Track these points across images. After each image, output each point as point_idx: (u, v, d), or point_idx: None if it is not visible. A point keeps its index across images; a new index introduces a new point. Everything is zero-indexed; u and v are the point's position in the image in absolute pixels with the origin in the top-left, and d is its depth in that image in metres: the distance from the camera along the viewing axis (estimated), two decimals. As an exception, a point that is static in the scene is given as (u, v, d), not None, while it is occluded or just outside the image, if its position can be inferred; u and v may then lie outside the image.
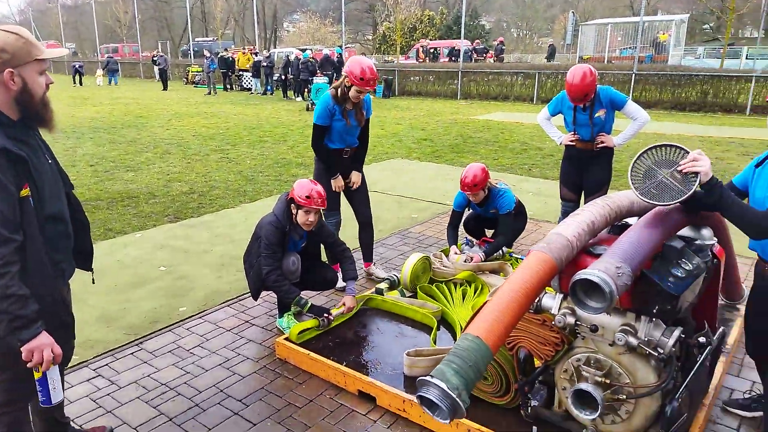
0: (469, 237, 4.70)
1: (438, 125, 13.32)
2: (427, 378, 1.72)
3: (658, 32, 22.69)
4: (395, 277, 4.03)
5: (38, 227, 1.91)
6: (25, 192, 1.86)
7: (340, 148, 4.04)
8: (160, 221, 5.93)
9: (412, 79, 22.27)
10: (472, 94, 20.34)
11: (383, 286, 3.95)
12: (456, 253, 4.33)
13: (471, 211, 4.66)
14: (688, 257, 2.17)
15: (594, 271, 1.92)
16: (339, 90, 3.87)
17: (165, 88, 24.01)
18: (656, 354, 2.07)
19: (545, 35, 54.64)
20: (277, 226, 3.32)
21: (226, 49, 28.41)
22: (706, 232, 2.54)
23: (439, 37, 36.43)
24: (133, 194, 6.98)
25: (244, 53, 25.28)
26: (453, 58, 24.87)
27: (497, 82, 20.06)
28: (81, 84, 27.44)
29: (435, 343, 3.28)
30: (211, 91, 22.07)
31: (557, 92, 20.80)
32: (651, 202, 2.16)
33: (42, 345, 1.86)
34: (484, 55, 25.14)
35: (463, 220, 4.68)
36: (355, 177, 4.15)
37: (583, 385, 2.23)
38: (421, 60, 27.48)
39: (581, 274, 1.95)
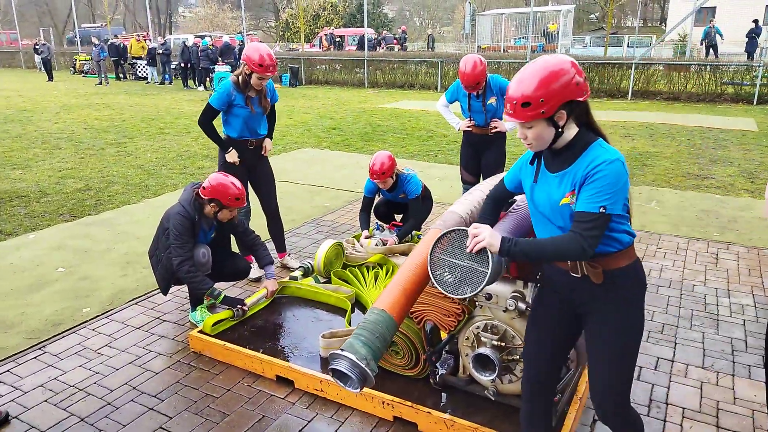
0: (380, 222, 4.86)
1: (347, 114, 13.42)
2: (338, 351, 1.84)
3: (548, 22, 24.05)
4: (309, 265, 4.11)
5: None
6: None
7: (245, 138, 4.04)
8: (55, 221, 5.60)
9: (318, 67, 22.14)
10: (379, 83, 20.58)
11: (297, 273, 4.02)
12: (367, 238, 4.48)
13: (381, 197, 4.82)
14: None
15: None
16: (240, 78, 3.87)
17: (50, 78, 22.25)
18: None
19: (447, 24, 56.21)
20: (185, 215, 3.29)
21: (116, 36, 26.75)
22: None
23: (343, 25, 36.40)
24: (23, 193, 6.52)
25: (137, 40, 23.91)
26: (360, 48, 25.05)
27: (402, 71, 20.42)
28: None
29: (350, 324, 3.40)
30: (103, 81, 20.76)
31: (459, 80, 21.41)
32: (465, 296, 1.95)
33: None
34: (393, 43, 25.42)
35: (374, 206, 4.83)
36: (268, 144, 4.20)
37: (482, 350, 2.45)
38: (325, 48, 27.35)
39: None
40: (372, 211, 4.81)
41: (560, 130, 1.74)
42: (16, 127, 11.14)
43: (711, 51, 20.10)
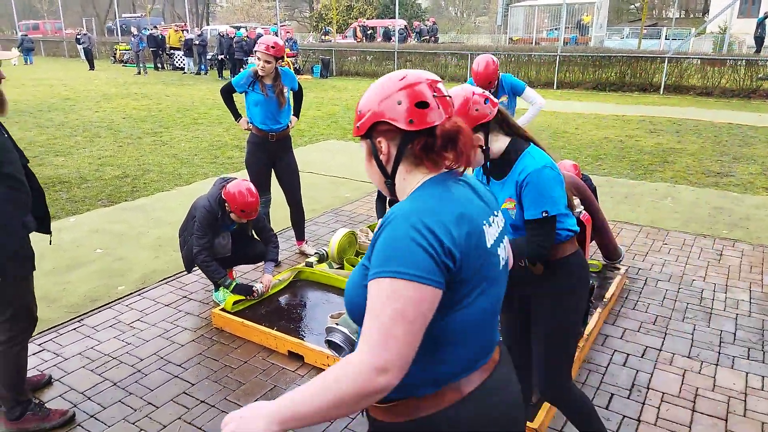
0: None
1: (373, 106, 13.64)
2: (333, 325, 2.10)
3: (582, 14, 23.74)
4: (324, 252, 4.39)
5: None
6: None
7: (266, 131, 4.34)
8: (94, 206, 6.03)
9: (349, 59, 22.41)
10: (408, 74, 20.73)
11: (313, 259, 4.31)
12: None
13: None
14: None
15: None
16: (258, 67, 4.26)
17: (92, 67, 23.10)
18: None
19: (482, 14, 55.62)
20: (209, 210, 3.60)
21: (155, 26, 27.49)
22: (574, 200, 3.03)
23: (377, 16, 36.50)
24: (65, 179, 6.99)
25: (175, 30, 24.58)
26: (383, 39, 25.18)
27: (432, 63, 20.52)
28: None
29: (357, 307, 3.67)
30: (141, 71, 21.46)
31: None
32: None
33: None
34: (428, 36, 25.42)
35: (388, 199, 5.08)
36: (293, 122, 4.56)
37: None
38: (359, 40, 27.56)
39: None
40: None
41: (485, 147, 1.98)
42: (59, 116, 11.74)
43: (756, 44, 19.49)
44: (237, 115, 4.57)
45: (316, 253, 4.41)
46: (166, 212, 5.83)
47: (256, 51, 4.24)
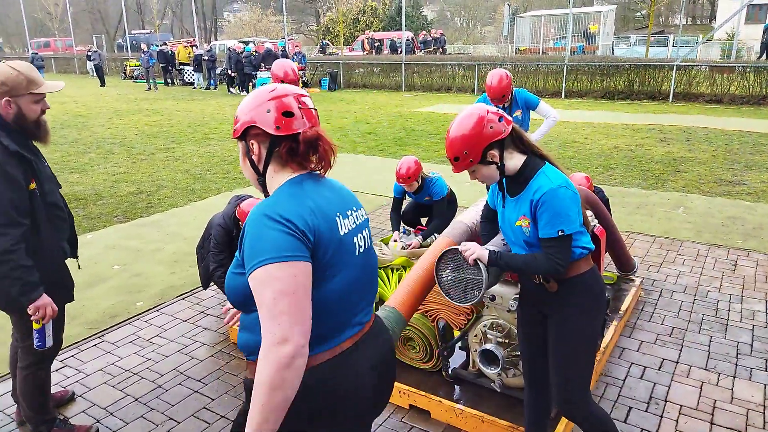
0: (406, 227, 5.14)
1: (382, 118, 13.75)
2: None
3: (589, 23, 23.81)
4: (338, 266, 4.42)
5: (45, 214, 2.42)
6: (33, 186, 2.35)
7: None
8: (110, 222, 6.11)
9: (357, 71, 22.57)
10: (416, 86, 20.86)
11: (327, 273, 4.34)
12: (395, 240, 4.76)
13: (409, 200, 5.10)
14: None
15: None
16: None
17: (102, 84, 23.43)
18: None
19: (488, 24, 55.90)
20: (225, 227, 3.66)
21: (164, 42, 27.87)
22: (588, 214, 3.05)
23: (383, 28, 36.80)
24: (80, 196, 7.09)
25: (185, 46, 24.89)
26: (390, 51, 25.33)
27: (439, 74, 20.63)
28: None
29: (373, 321, 3.70)
30: (152, 87, 21.72)
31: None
32: (472, 302, 2.27)
33: (44, 303, 2.38)
34: (432, 47, 25.60)
35: (402, 211, 5.12)
36: None
37: (488, 346, 2.71)
38: (367, 52, 27.77)
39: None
40: (401, 213, 5.09)
41: (500, 164, 2.03)
42: (72, 133, 11.92)
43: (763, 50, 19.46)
44: None
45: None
46: (180, 227, 5.90)
47: (273, 78, 4.23)
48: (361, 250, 1.55)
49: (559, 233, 1.94)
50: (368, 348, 1.56)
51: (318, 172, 1.53)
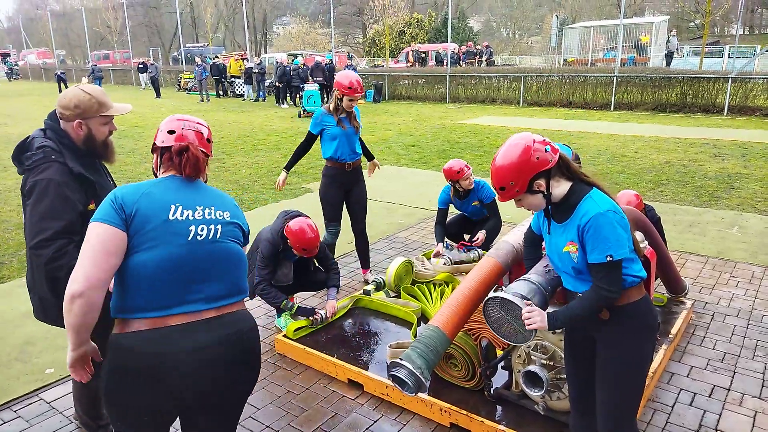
0: (450, 242, 5.16)
1: (426, 130, 13.79)
2: (397, 360, 2.18)
3: (640, 34, 23.26)
4: (381, 280, 4.49)
5: None
6: (92, 207, 2.41)
7: (342, 161, 4.50)
8: (164, 231, 6.34)
9: (401, 83, 22.74)
10: (461, 98, 20.84)
11: (370, 287, 4.41)
12: (435, 256, 4.80)
13: (452, 215, 5.13)
14: None
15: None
16: (333, 104, 4.42)
17: (158, 95, 24.37)
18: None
19: (535, 34, 55.30)
20: (272, 243, 3.77)
21: (217, 56, 28.79)
22: (638, 235, 3.01)
23: (429, 40, 36.95)
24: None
25: (236, 60, 25.66)
26: (435, 63, 25.39)
27: (484, 86, 20.55)
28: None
29: (415, 337, 3.73)
30: (204, 99, 22.45)
31: (542, 96, 20.71)
32: (514, 343, 2.28)
33: None
34: (474, 59, 25.59)
35: (447, 224, 5.15)
36: (371, 167, 4.79)
37: (532, 367, 2.70)
38: (410, 64, 27.93)
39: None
40: (447, 225, 5.13)
41: (546, 193, 2.02)
42: (129, 143, 12.45)
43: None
44: (287, 167, 4.62)
45: (373, 281, 4.51)
46: (229, 238, 6.08)
47: (337, 87, 4.34)
48: (198, 238, 1.86)
49: (608, 258, 1.92)
50: (200, 334, 1.80)
51: (192, 176, 1.96)
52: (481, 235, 4.74)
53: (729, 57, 25.26)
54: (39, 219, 2.28)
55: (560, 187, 2.05)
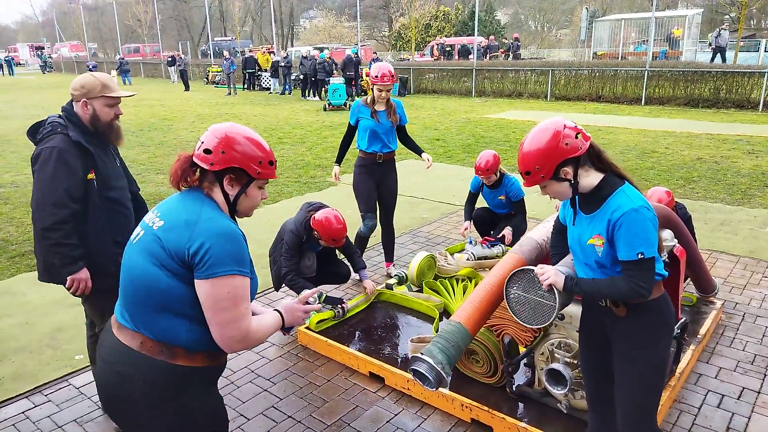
0: (473, 237, 5.12)
1: (451, 124, 13.70)
2: (418, 355, 2.18)
3: (672, 27, 22.69)
4: (404, 274, 4.48)
5: (98, 203, 2.64)
6: (91, 176, 2.60)
7: (373, 152, 4.51)
8: (190, 222, 6.44)
9: (427, 77, 22.61)
10: (487, 92, 20.63)
11: (393, 281, 4.41)
12: (466, 229, 4.89)
13: (479, 205, 5.11)
14: None
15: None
16: (369, 96, 4.48)
17: (187, 88, 24.69)
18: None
19: (564, 27, 54.36)
20: (297, 234, 3.80)
21: (250, 49, 28.98)
22: (667, 234, 2.95)
23: (455, 34, 36.64)
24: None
25: (263, 53, 25.84)
26: (460, 57, 25.17)
27: (511, 80, 20.30)
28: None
29: (436, 332, 3.72)
30: (231, 92, 22.67)
31: (571, 90, 20.38)
32: (539, 326, 2.27)
33: (81, 278, 2.60)
34: (497, 52, 25.31)
35: (473, 215, 5.12)
36: (425, 157, 4.71)
37: (555, 365, 2.67)
38: (435, 58, 27.74)
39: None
40: (473, 216, 5.09)
41: (572, 182, 1.97)
42: (159, 135, 12.65)
43: None
44: (337, 160, 4.70)
45: (396, 275, 4.51)
46: (253, 230, 6.13)
47: (374, 83, 4.38)
48: (133, 240, 1.78)
49: (639, 256, 1.88)
50: (103, 344, 1.77)
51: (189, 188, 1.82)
52: (507, 233, 4.72)
53: (766, 51, 24.48)
54: (41, 185, 2.51)
55: (589, 178, 1.99)
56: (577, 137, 1.96)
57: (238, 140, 1.75)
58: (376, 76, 4.32)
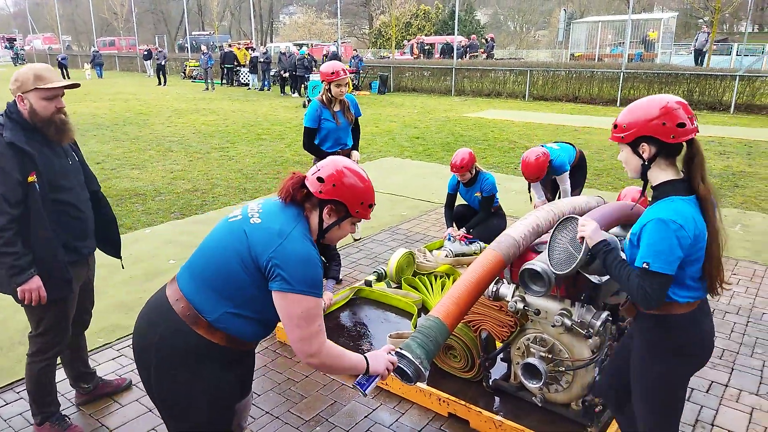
0: (452, 234, 5.17)
1: (431, 123, 13.77)
2: (397, 349, 2.19)
3: (648, 30, 23.11)
4: (382, 270, 4.50)
5: (44, 208, 2.46)
6: (32, 178, 2.42)
7: (334, 150, 4.51)
8: (167, 218, 6.38)
9: (407, 75, 22.66)
10: (466, 91, 20.77)
11: (371, 278, 4.43)
12: (442, 249, 4.83)
13: (459, 203, 5.17)
14: None
15: (536, 263, 2.42)
16: (324, 95, 4.42)
17: (164, 83, 24.35)
18: (586, 333, 2.55)
19: (542, 28, 54.92)
20: None
21: (230, 45, 28.68)
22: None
23: (435, 33, 36.79)
24: (140, 191, 7.43)
25: (239, 49, 25.59)
26: (442, 55, 25.27)
27: (490, 79, 20.47)
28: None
29: (415, 327, 3.75)
30: (209, 87, 22.42)
31: (548, 90, 20.63)
32: (562, 273, 2.28)
33: (31, 288, 2.46)
34: (477, 51, 25.48)
35: (453, 212, 5.18)
36: (355, 155, 4.66)
37: (531, 360, 2.71)
38: (415, 56, 27.81)
39: (527, 265, 2.45)
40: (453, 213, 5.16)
41: (645, 162, 1.91)
42: (134, 130, 12.47)
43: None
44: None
45: (374, 271, 4.53)
46: (232, 226, 6.10)
47: (322, 77, 4.39)
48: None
49: (644, 265, 1.82)
50: (152, 297, 2.04)
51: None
52: (460, 233, 4.82)
53: (738, 55, 25.09)
54: None
55: (661, 173, 1.92)
56: (677, 126, 1.84)
57: (350, 179, 1.87)
58: (332, 73, 4.32)
